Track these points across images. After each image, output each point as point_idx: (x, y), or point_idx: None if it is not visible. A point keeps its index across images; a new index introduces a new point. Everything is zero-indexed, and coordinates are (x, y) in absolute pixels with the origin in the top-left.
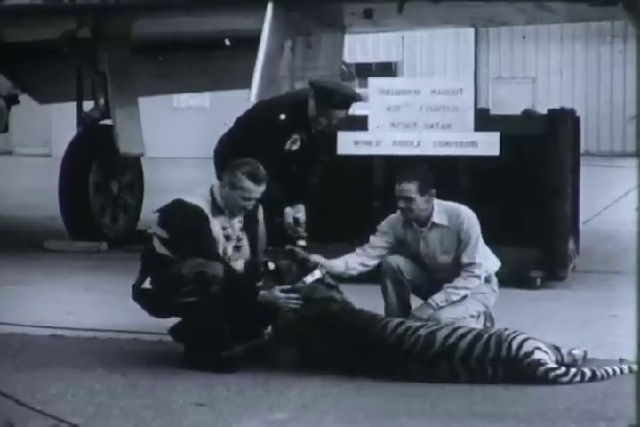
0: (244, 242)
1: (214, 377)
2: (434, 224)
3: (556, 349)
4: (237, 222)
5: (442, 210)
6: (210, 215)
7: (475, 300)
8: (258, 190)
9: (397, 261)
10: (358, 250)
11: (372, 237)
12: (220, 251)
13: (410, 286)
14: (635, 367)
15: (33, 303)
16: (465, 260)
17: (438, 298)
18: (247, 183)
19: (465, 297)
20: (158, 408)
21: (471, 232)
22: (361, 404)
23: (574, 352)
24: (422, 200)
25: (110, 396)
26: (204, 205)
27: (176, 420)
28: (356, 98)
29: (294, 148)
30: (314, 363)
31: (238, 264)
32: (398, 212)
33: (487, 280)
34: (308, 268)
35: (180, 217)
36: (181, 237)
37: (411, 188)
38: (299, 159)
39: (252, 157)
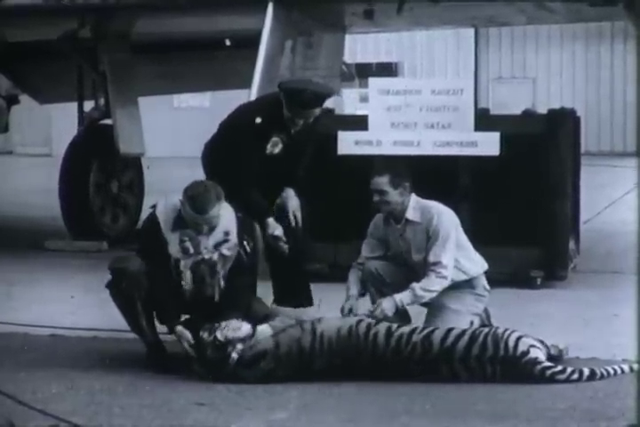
0: (224, 255)
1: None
2: (407, 220)
3: (541, 342)
4: (217, 237)
5: (418, 206)
6: (167, 227)
7: (462, 316)
8: (202, 218)
9: (375, 265)
10: (358, 266)
11: (363, 246)
12: (172, 261)
13: (392, 288)
14: (636, 367)
15: (33, 303)
16: (431, 258)
17: (405, 298)
18: (188, 209)
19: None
20: (159, 408)
21: (439, 229)
22: (361, 404)
23: (559, 346)
24: (396, 193)
25: (111, 395)
26: (169, 214)
27: (176, 419)
28: (327, 93)
29: (276, 150)
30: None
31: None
32: None
33: (472, 286)
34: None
35: (142, 223)
36: (139, 240)
37: (383, 180)
38: (283, 162)
39: (234, 162)
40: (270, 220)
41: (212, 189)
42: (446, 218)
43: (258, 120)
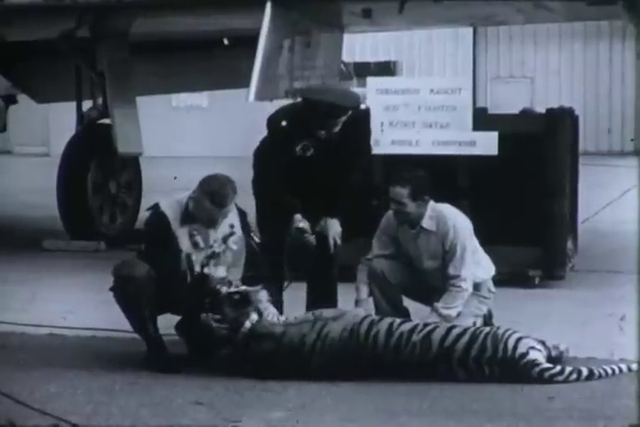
0: (231, 249)
1: (213, 376)
2: (422, 228)
3: (543, 343)
4: (223, 230)
5: (434, 215)
6: (175, 222)
7: (464, 318)
8: (220, 212)
9: (381, 265)
10: (367, 262)
11: (374, 242)
12: (183, 257)
13: (398, 289)
14: (635, 367)
15: (32, 302)
16: (451, 271)
17: (432, 320)
18: (206, 204)
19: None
20: (157, 407)
21: (456, 242)
22: (359, 403)
23: (559, 347)
24: (414, 205)
25: (109, 395)
26: (175, 210)
27: (174, 419)
28: (347, 106)
29: (308, 153)
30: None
31: (219, 271)
32: None
33: (476, 289)
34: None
35: (148, 220)
36: (145, 237)
37: (403, 192)
38: (315, 167)
39: (266, 160)
40: (297, 216)
41: (228, 182)
42: (462, 230)
43: (283, 123)
